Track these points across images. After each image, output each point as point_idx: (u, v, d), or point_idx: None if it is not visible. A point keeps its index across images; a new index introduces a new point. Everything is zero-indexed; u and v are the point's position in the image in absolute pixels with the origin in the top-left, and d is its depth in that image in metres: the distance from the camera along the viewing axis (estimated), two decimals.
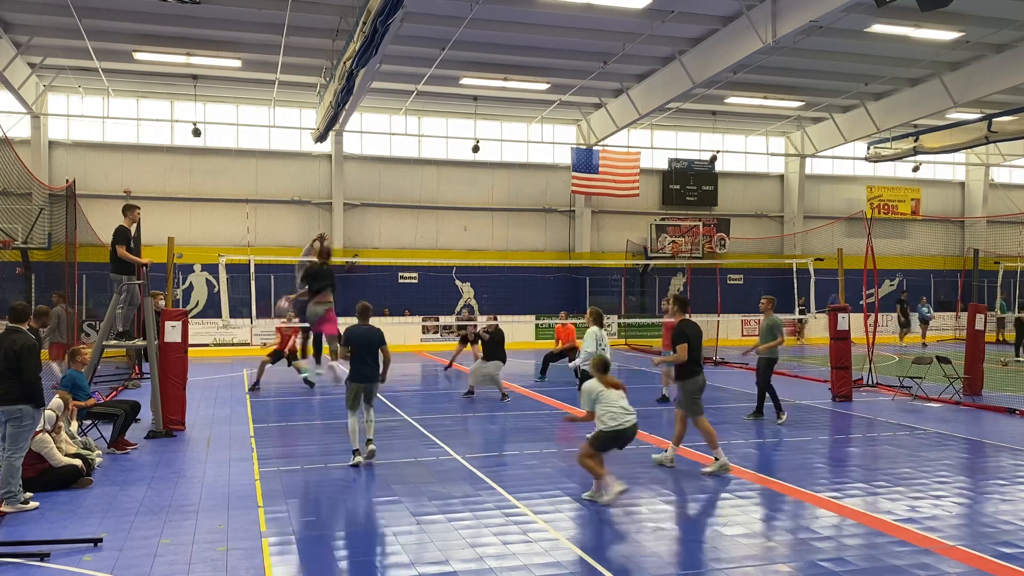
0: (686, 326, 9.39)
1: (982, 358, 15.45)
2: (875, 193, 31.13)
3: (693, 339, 9.29)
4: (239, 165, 25.60)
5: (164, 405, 11.38)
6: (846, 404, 14.22)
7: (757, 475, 8.92)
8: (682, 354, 9.19)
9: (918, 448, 10.45)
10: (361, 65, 14.90)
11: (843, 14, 16.64)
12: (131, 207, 12.24)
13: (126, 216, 12.10)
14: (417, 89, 23.69)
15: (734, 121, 28.54)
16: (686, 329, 9.34)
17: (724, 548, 6.54)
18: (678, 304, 9.74)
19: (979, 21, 18.66)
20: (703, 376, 9.40)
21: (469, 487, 8.42)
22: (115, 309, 11.95)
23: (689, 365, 9.22)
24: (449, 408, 14.00)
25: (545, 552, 6.43)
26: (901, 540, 6.67)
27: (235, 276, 20.40)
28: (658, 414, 13.27)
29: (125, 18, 18.39)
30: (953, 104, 22.65)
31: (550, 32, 19.40)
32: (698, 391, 9.27)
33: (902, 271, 31.45)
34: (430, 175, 27.39)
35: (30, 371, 7.37)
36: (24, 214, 17.78)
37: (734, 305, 27.46)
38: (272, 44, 19.68)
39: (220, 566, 6.09)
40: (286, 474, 8.99)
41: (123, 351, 17.21)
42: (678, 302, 9.80)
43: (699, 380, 9.31)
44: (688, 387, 9.24)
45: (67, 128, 24.61)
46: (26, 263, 17.03)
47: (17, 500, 7.43)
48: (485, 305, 26.61)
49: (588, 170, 26.99)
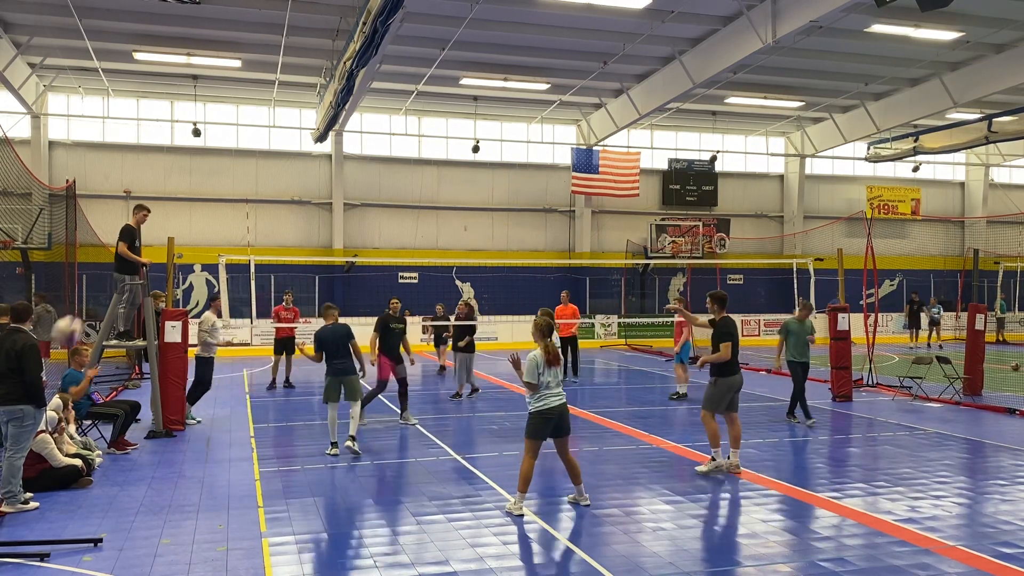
0: (731, 325, 9.30)
1: (982, 358, 15.46)
2: (875, 193, 31.13)
3: (737, 338, 9.24)
4: (239, 165, 25.60)
5: (164, 405, 11.38)
6: (846, 404, 14.22)
7: (757, 475, 8.92)
8: (726, 352, 9.10)
9: (918, 448, 10.45)
10: (361, 65, 14.90)
11: (843, 14, 16.64)
12: (140, 207, 12.28)
13: (135, 215, 12.17)
14: (417, 89, 23.69)
15: (734, 121, 28.54)
16: (731, 328, 9.26)
17: (724, 548, 6.54)
18: (717, 302, 9.53)
19: (979, 21, 18.66)
20: (740, 376, 9.32)
21: (469, 487, 8.43)
22: (116, 309, 11.95)
23: (732, 364, 9.15)
24: (449, 408, 13.99)
25: (545, 552, 6.43)
26: (901, 540, 6.68)
27: (235, 276, 20.44)
28: (672, 413, 13.28)
29: (125, 18, 18.38)
30: (953, 104, 22.65)
31: (550, 32, 19.40)
32: (732, 390, 9.17)
33: (902, 271, 31.46)
34: (430, 175, 27.39)
35: (31, 371, 7.36)
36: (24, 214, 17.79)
37: (734, 305, 27.20)
38: (272, 44, 19.68)
39: (220, 566, 6.09)
40: (286, 474, 8.99)
41: (123, 351, 17.20)
42: (717, 300, 9.53)
43: (737, 379, 9.24)
44: (723, 385, 9.13)
45: (67, 128, 24.60)
46: (26, 263, 17.04)
47: (17, 500, 7.43)
48: (485, 305, 26.61)
49: (588, 170, 27.00)
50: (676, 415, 13.42)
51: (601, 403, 14.47)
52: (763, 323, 29.16)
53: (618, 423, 12.29)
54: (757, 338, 28.85)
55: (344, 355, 10.17)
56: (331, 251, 25.67)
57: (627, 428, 11.88)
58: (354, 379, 10.24)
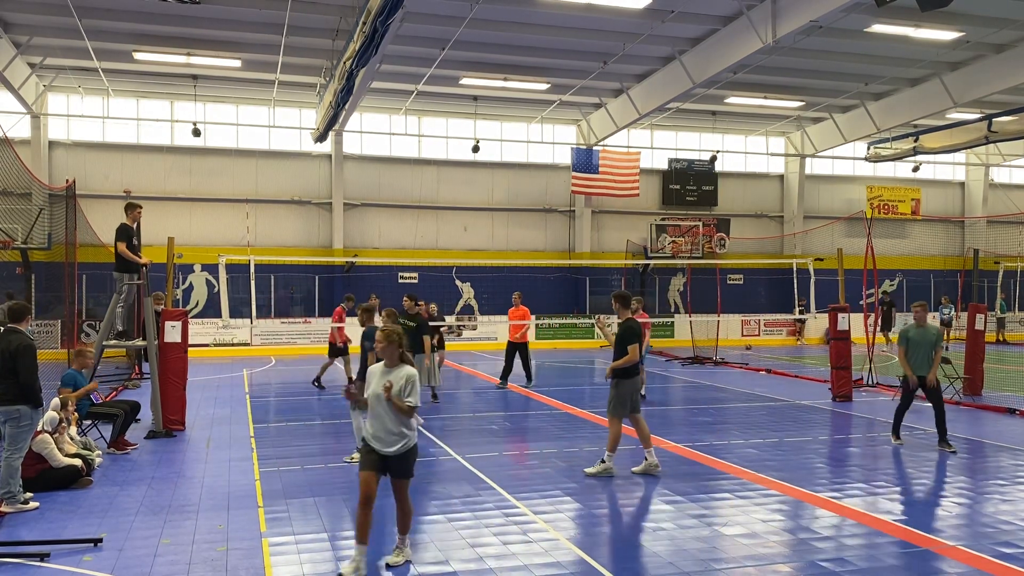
0: (636, 325, 9.05)
1: (982, 358, 15.46)
2: (875, 193, 31.13)
3: (642, 338, 9.10)
4: (239, 165, 25.60)
5: (164, 405, 11.38)
6: (846, 404, 14.22)
7: (757, 475, 8.91)
8: (634, 354, 8.83)
9: (918, 448, 10.45)
10: (361, 65, 14.89)
11: (843, 14, 16.64)
12: (132, 205, 12.28)
13: (128, 214, 12.15)
14: (417, 89, 23.69)
15: (734, 121, 28.54)
16: (638, 329, 9.01)
17: (724, 548, 6.54)
18: (620, 302, 9.15)
19: (979, 21, 18.66)
20: (639, 378, 9.22)
21: (469, 487, 8.42)
22: (115, 309, 11.96)
23: (634, 366, 8.95)
24: (448, 408, 13.99)
25: (545, 552, 6.43)
26: (901, 540, 6.68)
27: (235, 276, 20.43)
28: (672, 413, 13.27)
29: (125, 18, 18.38)
30: (953, 104, 22.65)
31: (550, 32, 19.39)
32: (635, 391, 9.05)
33: (902, 271, 31.46)
34: (430, 175, 27.38)
35: (26, 371, 7.35)
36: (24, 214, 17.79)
37: (734, 305, 27.48)
38: (272, 44, 19.67)
39: (220, 566, 6.09)
40: (286, 474, 8.99)
41: (123, 351, 17.20)
42: (620, 300, 9.17)
43: (638, 380, 9.17)
44: (626, 387, 8.91)
45: (67, 128, 24.60)
46: (26, 263, 17.04)
47: (17, 500, 7.43)
48: (485, 305, 26.63)
49: (588, 170, 26.99)
50: (676, 415, 13.42)
51: (601, 403, 14.44)
52: (763, 323, 29.17)
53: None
54: (757, 338, 28.86)
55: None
56: (331, 251, 25.68)
57: (627, 428, 11.84)
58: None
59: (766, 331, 29.22)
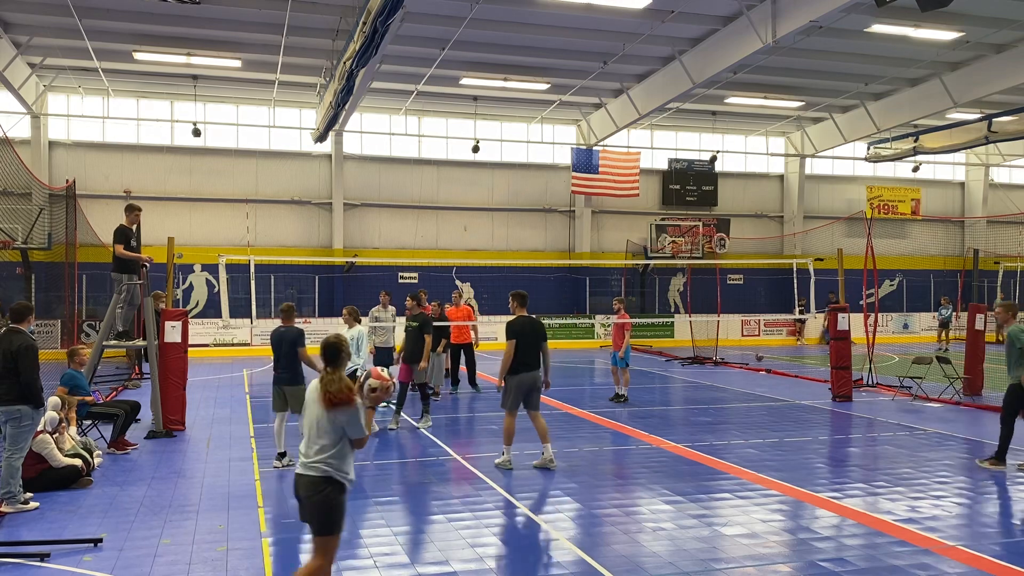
0: (515, 323, 9.32)
1: (982, 358, 15.46)
2: (875, 193, 31.12)
3: (521, 337, 9.17)
4: (239, 165, 25.60)
5: (164, 405, 11.38)
6: (846, 404, 14.22)
7: (757, 475, 8.92)
8: (509, 351, 9.11)
9: (918, 448, 10.45)
10: (361, 65, 14.89)
11: (843, 14, 16.64)
12: (132, 207, 12.28)
13: (127, 216, 12.15)
14: (417, 89, 23.69)
15: (734, 121, 28.53)
16: (516, 327, 9.27)
17: (724, 548, 6.54)
18: (517, 300, 9.58)
19: (979, 21, 18.66)
20: (531, 374, 9.20)
21: (469, 487, 8.43)
22: (115, 309, 11.96)
23: (515, 363, 9.13)
24: (448, 408, 13.99)
25: (545, 552, 6.43)
26: (901, 540, 6.67)
27: (235, 276, 20.42)
28: (672, 413, 13.27)
29: (125, 18, 18.37)
30: (953, 104, 22.64)
31: (550, 32, 19.39)
32: (520, 388, 9.16)
33: (902, 271, 31.46)
34: (430, 175, 27.38)
35: (27, 371, 7.35)
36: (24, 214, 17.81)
37: (734, 305, 27.48)
38: (272, 44, 19.67)
39: (220, 566, 6.09)
40: (286, 474, 8.98)
41: (123, 351, 17.20)
42: (517, 298, 9.59)
43: (526, 378, 9.19)
44: (510, 383, 9.20)
45: (67, 128, 24.60)
46: (26, 263, 17.06)
47: (17, 500, 7.43)
48: (485, 305, 26.61)
49: (588, 170, 26.99)
50: (676, 415, 13.42)
51: (601, 403, 14.46)
52: (763, 323, 29.16)
53: (618, 423, 12.29)
54: (758, 338, 28.85)
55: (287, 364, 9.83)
56: (331, 251, 25.68)
57: (627, 428, 11.88)
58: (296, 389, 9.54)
59: (766, 331, 29.21)
